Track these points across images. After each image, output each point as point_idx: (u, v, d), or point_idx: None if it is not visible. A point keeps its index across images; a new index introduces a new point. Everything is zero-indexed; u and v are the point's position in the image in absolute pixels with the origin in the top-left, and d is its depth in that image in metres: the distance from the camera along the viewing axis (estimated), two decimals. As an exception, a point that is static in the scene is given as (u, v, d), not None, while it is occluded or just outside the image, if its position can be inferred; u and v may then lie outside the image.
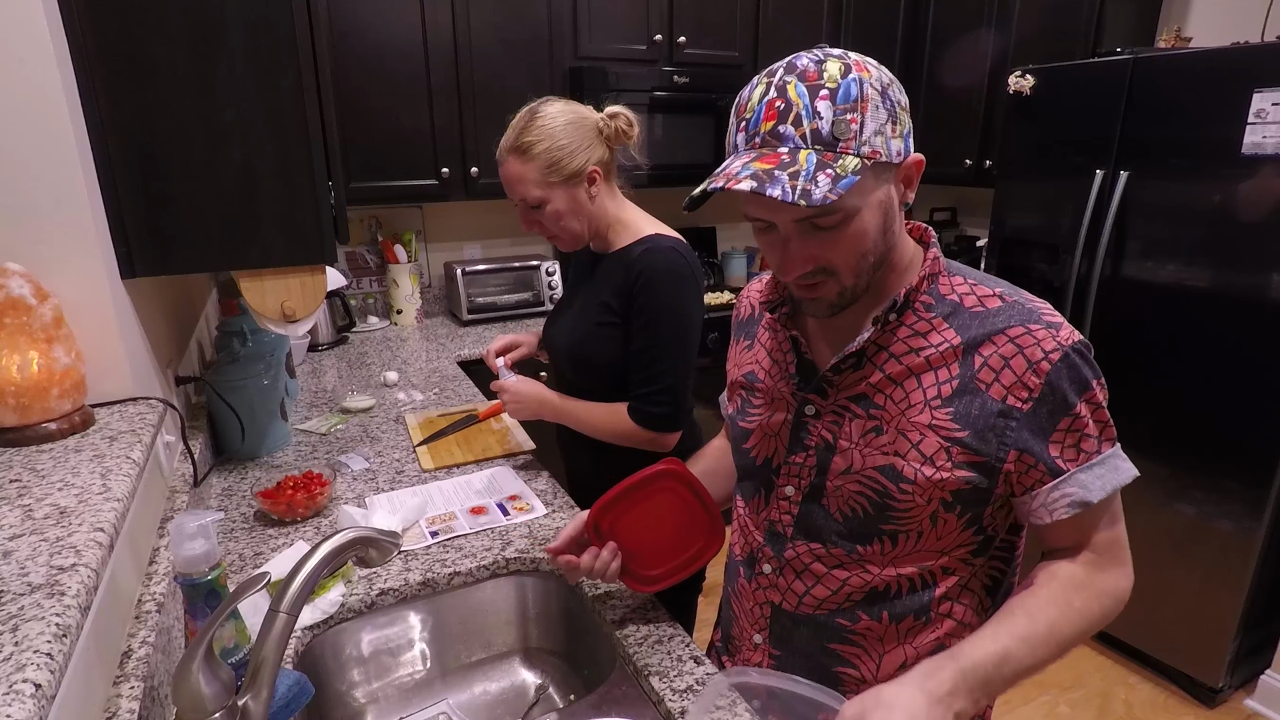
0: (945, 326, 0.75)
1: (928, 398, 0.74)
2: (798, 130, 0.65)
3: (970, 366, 0.73)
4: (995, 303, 0.74)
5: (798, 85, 0.66)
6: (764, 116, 0.67)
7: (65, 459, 0.82)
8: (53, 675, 0.51)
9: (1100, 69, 2.15)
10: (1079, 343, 0.72)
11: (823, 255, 0.71)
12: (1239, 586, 1.98)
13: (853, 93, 0.65)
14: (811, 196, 0.62)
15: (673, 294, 1.23)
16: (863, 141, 0.65)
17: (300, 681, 0.80)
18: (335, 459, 1.53)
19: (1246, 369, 1.90)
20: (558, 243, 1.31)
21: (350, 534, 0.74)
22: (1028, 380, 0.70)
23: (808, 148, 0.65)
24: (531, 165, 1.21)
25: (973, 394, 0.72)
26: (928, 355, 0.74)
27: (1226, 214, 1.90)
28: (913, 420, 0.74)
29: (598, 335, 1.28)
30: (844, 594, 0.82)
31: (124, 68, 0.97)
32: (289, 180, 1.09)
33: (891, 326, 0.76)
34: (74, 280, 0.94)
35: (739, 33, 2.79)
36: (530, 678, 1.17)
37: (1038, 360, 0.70)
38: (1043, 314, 0.73)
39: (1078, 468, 0.72)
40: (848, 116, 0.65)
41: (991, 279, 0.78)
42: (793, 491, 0.83)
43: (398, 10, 2.27)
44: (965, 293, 0.76)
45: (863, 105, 0.65)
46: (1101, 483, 0.73)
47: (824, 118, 0.65)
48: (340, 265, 2.69)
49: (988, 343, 0.73)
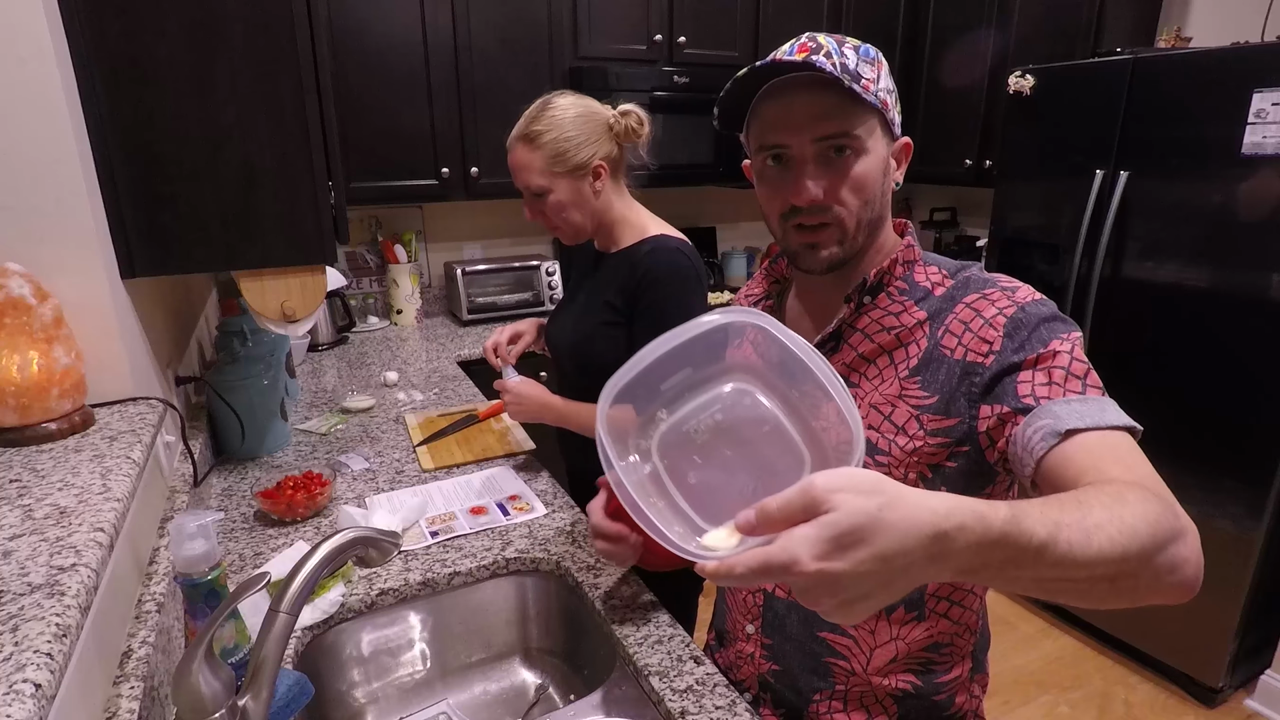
0: (916, 309, 0.78)
1: (899, 372, 0.77)
2: (829, 61, 0.71)
3: (934, 337, 0.76)
4: (960, 280, 0.78)
5: (827, 37, 0.74)
6: (798, 49, 0.73)
7: (65, 459, 0.82)
8: (53, 675, 0.51)
9: (1100, 69, 2.15)
10: (1036, 300, 0.73)
11: (833, 187, 0.74)
12: (1239, 586, 1.98)
13: (871, 54, 0.75)
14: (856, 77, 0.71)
15: (678, 294, 1.23)
16: (879, 89, 0.73)
17: (300, 681, 0.80)
18: (335, 459, 1.53)
19: (1246, 369, 1.90)
20: (559, 234, 1.31)
21: (350, 534, 0.74)
22: (985, 334, 0.72)
23: (837, 74, 0.71)
24: (538, 154, 1.22)
25: (938, 362, 0.75)
26: (897, 332, 0.78)
27: (1226, 214, 1.90)
28: (884, 393, 0.77)
29: (601, 334, 1.28)
30: None
31: (124, 68, 0.97)
32: (289, 180, 1.09)
33: (866, 309, 0.80)
34: (74, 280, 0.94)
35: (739, 33, 2.79)
36: (530, 678, 1.17)
37: (992, 316, 0.73)
38: (1000, 281, 0.76)
39: (1050, 401, 0.65)
40: (868, 65, 0.74)
41: (964, 265, 0.81)
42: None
43: (398, 10, 2.27)
44: (938, 281, 0.80)
45: (879, 65, 0.75)
46: (1080, 412, 0.63)
47: (849, 59, 0.73)
48: (340, 265, 2.69)
49: (948, 314, 0.76)
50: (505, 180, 2.48)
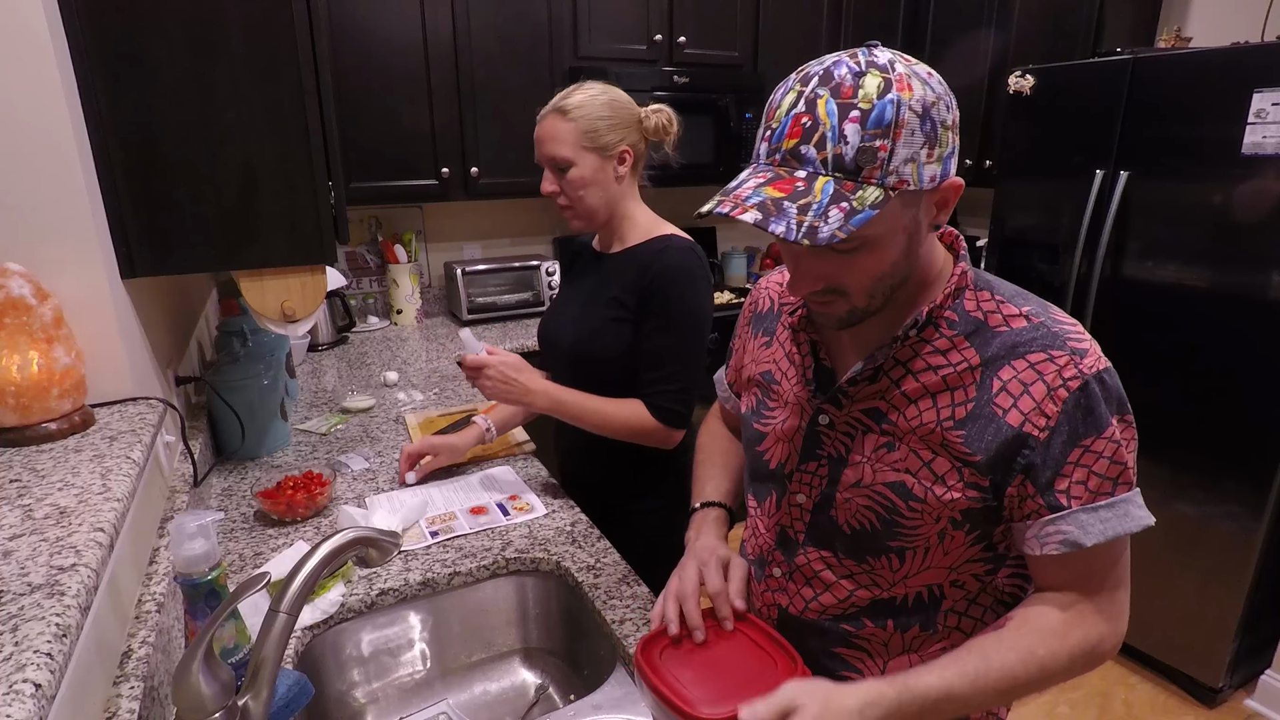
0: (966, 345, 0.72)
1: (941, 418, 0.72)
2: (820, 154, 0.62)
3: (988, 390, 0.70)
4: (1020, 323, 0.71)
5: (829, 102, 0.61)
6: (788, 131, 0.63)
7: (65, 459, 0.82)
8: (53, 675, 0.51)
9: (1100, 69, 2.15)
10: (1105, 370, 0.68)
11: (835, 276, 0.68)
12: (1239, 586, 1.98)
13: (886, 116, 0.60)
14: (818, 235, 0.60)
15: (690, 293, 1.24)
16: (889, 171, 0.61)
17: (300, 681, 0.80)
18: (335, 459, 1.53)
19: (1247, 369, 1.90)
20: (570, 215, 1.28)
21: (350, 534, 0.74)
22: (1045, 408, 0.67)
23: (827, 174, 0.62)
24: (569, 125, 1.22)
25: (988, 419, 0.69)
26: (945, 374, 0.72)
27: (1227, 214, 1.90)
28: (925, 439, 0.72)
29: (607, 330, 1.28)
30: (850, 603, 0.81)
31: (124, 68, 0.97)
32: (289, 180, 1.09)
33: (911, 342, 0.73)
34: (74, 280, 0.94)
35: (739, 33, 2.79)
36: (530, 678, 1.17)
37: (1056, 387, 0.67)
38: (1069, 338, 0.69)
39: (1080, 506, 0.68)
40: (876, 143, 0.61)
41: (1022, 295, 0.74)
42: (804, 499, 0.82)
43: (398, 10, 2.27)
44: (991, 310, 0.72)
45: (896, 131, 0.61)
46: (1103, 527, 0.68)
47: (850, 143, 0.61)
48: (340, 265, 2.69)
49: (1007, 366, 0.69)
50: (505, 180, 2.51)
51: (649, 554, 1.23)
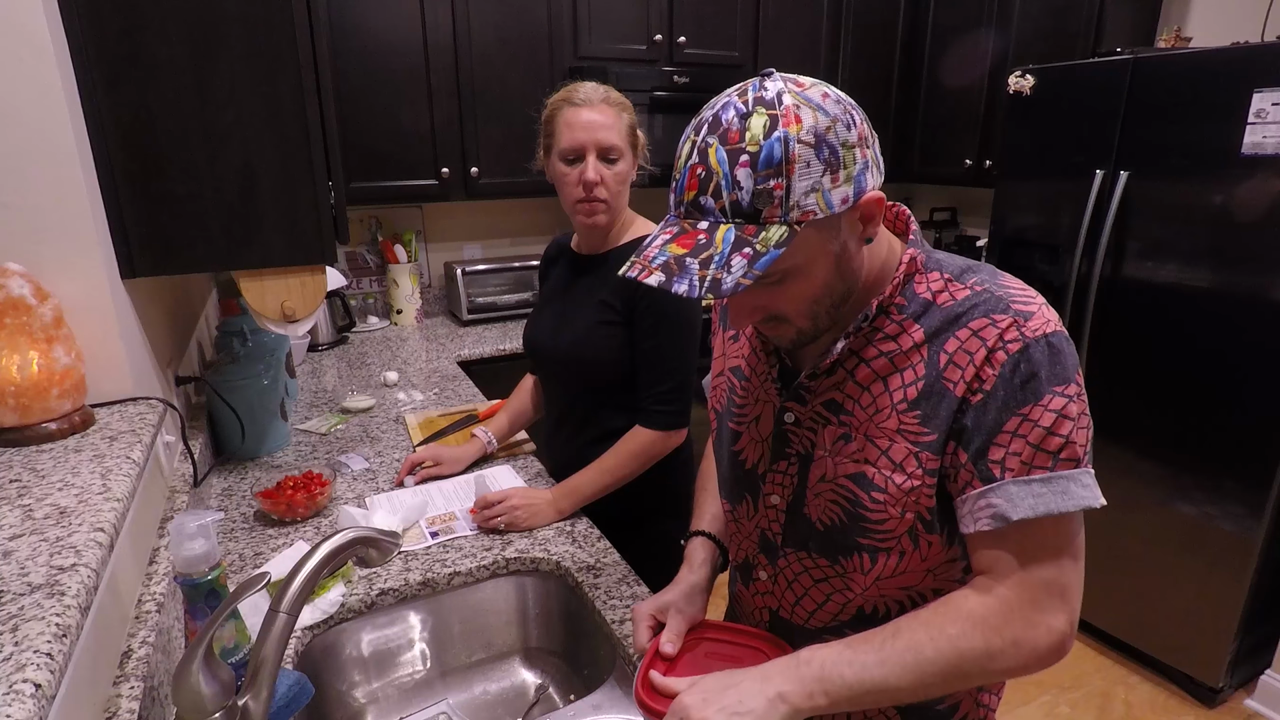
0: (915, 326, 0.70)
1: (894, 401, 0.70)
2: (717, 203, 0.61)
3: (935, 365, 0.68)
4: (964, 293, 0.69)
5: (719, 150, 0.61)
6: (686, 184, 0.63)
7: (65, 459, 0.82)
8: (53, 675, 0.51)
9: (1100, 69, 2.15)
10: (1052, 334, 0.64)
11: (770, 305, 0.68)
12: (1239, 586, 1.98)
13: (776, 155, 0.59)
14: (721, 287, 0.59)
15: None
16: (790, 206, 0.60)
17: (300, 681, 0.80)
18: (335, 459, 1.53)
19: (1247, 369, 1.90)
20: (602, 210, 1.25)
21: (350, 534, 0.74)
22: (983, 371, 0.65)
23: (727, 221, 0.62)
24: (622, 117, 1.23)
25: (939, 394, 0.67)
26: (892, 355, 0.70)
27: (1227, 214, 1.90)
28: (881, 425, 0.71)
29: (598, 335, 1.28)
30: (830, 611, 0.80)
31: (124, 68, 0.97)
32: (289, 180, 1.09)
33: (864, 332, 0.72)
34: (74, 280, 0.94)
35: (739, 33, 2.79)
36: (530, 678, 1.17)
37: (995, 349, 0.64)
38: (1013, 301, 0.66)
39: (1011, 478, 0.64)
40: (770, 184, 0.60)
41: (972, 268, 0.72)
42: (778, 500, 0.81)
43: (398, 10, 2.27)
44: (939, 289, 0.70)
45: (789, 168, 0.60)
46: (1033, 501, 0.63)
47: (744, 187, 0.60)
48: (340, 265, 2.69)
49: (951, 337, 0.67)
50: (505, 180, 2.51)
51: (649, 554, 1.23)
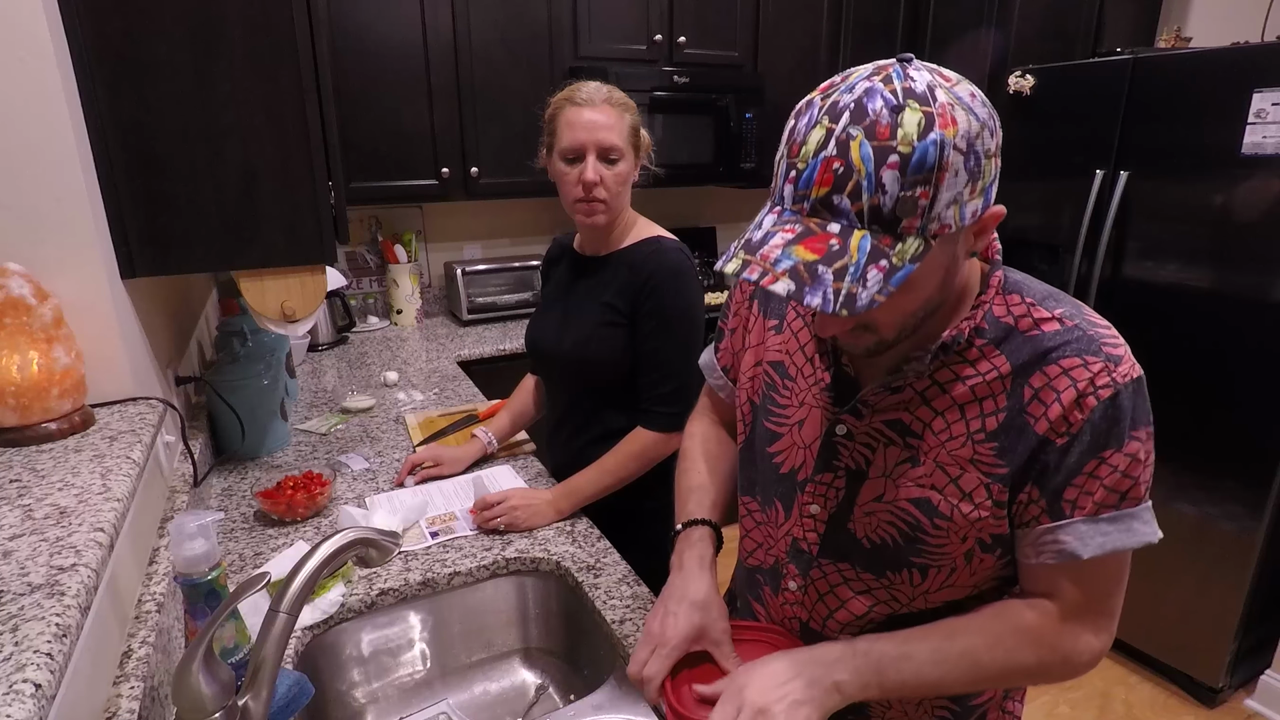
0: (995, 353, 0.67)
1: (970, 430, 0.67)
2: (855, 205, 0.56)
3: (1019, 399, 0.66)
4: (1053, 326, 0.66)
5: (864, 145, 0.55)
6: (818, 179, 0.57)
7: (65, 459, 0.82)
8: (53, 675, 0.51)
9: (1100, 69, 2.15)
10: (1137, 379, 0.64)
11: (866, 316, 0.63)
12: (1239, 586, 1.98)
13: (929, 160, 0.54)
14: (856, 304, 0.55)
15: (683, 294, 1.24)
16: (931, 218, 0.56)
17: (300, 681, 0.80)
18: (335, 459, 1.53)
19: (1247, 369, 1.90)
20: (601, 210, 1.24)
21: (350, 534, 0.74)
22: (1071, 415, 0.64)
23: (863, 227, 0.56)
24: (625, 119, 1.23)
25: (1020, 429, 0.65)
26: (974, 385, 0.67)
27: (1227, 214, 1.90)
28: (954, 453, 0.68)
29: (602, 336, 1.28)
30: (869, 619, 0.78)
31: (124, 68, 0.97)
32: (289, 180, 1.09)
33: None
34: (74, 280, 0.94)
35: (739, 33, 2.79)
36: (530, 678, 1.17)
37: (1086, 394, 0.63)
38: (1104, 343, 0.64)
39: (1082, 517, 0.65)
40: (917, 191, 0.55)
41: (1054, 296, 0.70)
42: (818, 510, 0.78)
43: (398, 10, 2.27)
44: (1021, 314, 0.68)
45: (939, 176, 0.55)
46: (1102, 540, 0.65)
47: (888, 192, 0.55)
48: (340, 265, 2.69)
49: (1039, 373, 0.65)
50: (505, 180, 2.51)
51: (648, 554, 1.23)
